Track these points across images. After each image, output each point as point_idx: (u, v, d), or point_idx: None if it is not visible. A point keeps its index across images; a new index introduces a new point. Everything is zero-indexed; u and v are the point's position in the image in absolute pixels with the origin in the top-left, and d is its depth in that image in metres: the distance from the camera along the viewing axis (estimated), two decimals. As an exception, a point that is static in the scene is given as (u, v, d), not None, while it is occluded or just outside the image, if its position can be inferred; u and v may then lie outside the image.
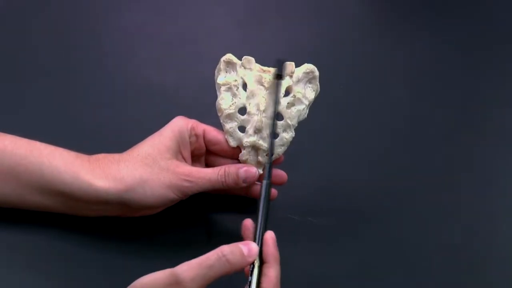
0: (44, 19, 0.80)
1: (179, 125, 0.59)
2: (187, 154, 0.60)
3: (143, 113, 0.71)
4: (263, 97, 0.59)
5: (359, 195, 0.67)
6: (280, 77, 0.58)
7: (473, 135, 0.74)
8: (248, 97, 0.59)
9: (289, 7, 0.86)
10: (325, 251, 0.63)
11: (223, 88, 0.60)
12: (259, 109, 0.59)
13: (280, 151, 0.60)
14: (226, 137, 0.60)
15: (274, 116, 0.58)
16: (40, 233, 0.60)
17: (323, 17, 0.85)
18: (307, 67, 0.59)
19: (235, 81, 0.60)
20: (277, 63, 0.58)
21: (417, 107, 0.76)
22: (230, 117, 0.60)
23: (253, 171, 0.59)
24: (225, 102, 0.59)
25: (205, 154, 0.62)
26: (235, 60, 0.60)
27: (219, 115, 0.60)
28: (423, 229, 0.65)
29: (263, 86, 0.59)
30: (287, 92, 0.60)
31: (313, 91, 0.60)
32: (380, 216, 0.66)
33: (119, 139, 0.62)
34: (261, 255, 0.53)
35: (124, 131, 0.69)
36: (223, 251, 0.50)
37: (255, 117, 0.59)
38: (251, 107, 0.59)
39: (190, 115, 0.61)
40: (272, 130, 0.58)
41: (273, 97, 0.58)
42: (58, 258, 0.59)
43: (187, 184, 0.57)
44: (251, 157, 0.60)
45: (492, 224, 0.67)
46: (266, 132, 0.59)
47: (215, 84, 0.60)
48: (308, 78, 0.60)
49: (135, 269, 0.51)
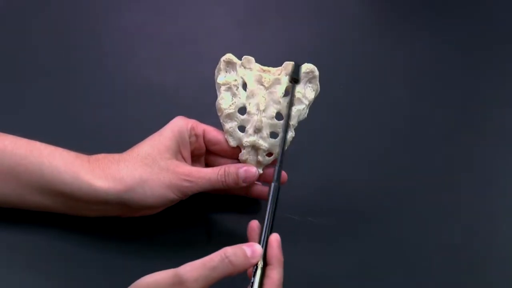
0: (44, 19, 0.80)
1: (179, 125, 0.59)
2: (187, 154, 0.60)
3: (143, 113, 0.71)
4: (263, 96, 0.59)
5: (359, 195, 0.67)
6: (296, 81, 0.59)
7: (473, 135, 0.74)
8: (248, 96, 0.59)
9: (289, 7, 0.86)
10: (325, 251, 0.63)
11: (223, 87, 0.60)
12: (259, 109, 0.59)
13: (280, 150, 0.60)
14: (226, 137, 0.60)
15: (287, 119, 0.58)
16: (40, 233, 0.60)
17: (323, 17, 0.85)
18: (307, 67, 0.59)
19: (235, 80, 0.60)
20: (294, 67, 0.59)
21: (417, 107, 0.76)
22: (230, 116, 0.60)
23: (253, 170, 0.59)
24: (225, 101, 0.59)
25: (205, 154, 0.62)
26: (235, 60, 0.60)
27: (219, 114, 0.60)
28: (423, 229, 0.65)
29: (263, 85, 0.59)
30: (287, 92, 0.59)
31: (313, 91, 0.60)
32: (380, 216, 0.66)
33: (119, 139, 0.62)
34: (265, 257, 0.53)
35: (124, 131, 0.69)
36: (226, 253, 0.50)
37: (255, 117, 0.59)
38: (251, 107, 0.59)
39: (190, 115, 0.61)
40: (284, 134, 0.58)
41: (287, 101, 0.59)
42: (58, 258, 0.59)
43: (187, 184, 0.57)
44: (251, 156, 0.60)
45: (492, 224, 0.67)
46: (266, 131, 0.59)
47: (215, 84, 0.60)
48: (308, 78, 0.59)
49: (135, 269, 0.51)
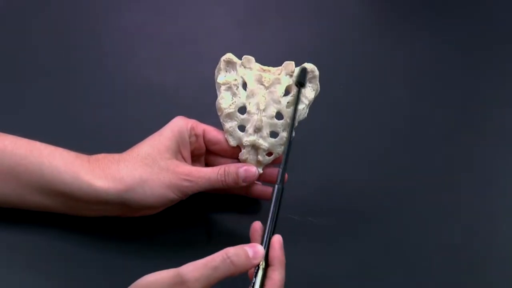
0: (44, 19, 0.80)
1: (179, 125, 0.59)
2: (187, 154, 0.60)
3: (143, 113, 0.71)
4: (263, 96, 0.59)
5: (359, 195, 0.67)
6: (302, 85, 0.59)
7: (473, 135, 0.74)
8: (248, 96, 0.59)
9: (289, 7, 0.86)
10: (325, 251, 0.63)
11: (223, 87, 0.60)
12: (259, 108, 0.59)
13: (280, 150, 0.60)
14: (226, 136, 0.60)
15: (292, 123, 0.58)
16: (40, 233, 0.60)
17: (323, 17, 0.85)
18: (307, 66, 0.59)
19: (235, 80, 0.60)
20: (300, 71, 0.59)
21: (417, 107, 0.76)
22: (230, 116, 0.60)
23: (253, 170, 0.59)
24: (225, 101, 0.59)
25: (205, 154, 0.62)
26: (235, 59, 0.60)
27: (219, 114, 0.60)
28: (423, 229, 0.65)
29: (263, 85, 0.59)
30: (287, 91, 0.60)
31: (313, 90, 0.60)
32: (380, 216, 0.65)
33: (119, 139, 0.62)
34: (267, 258, 0.53)
35: (124, 131, 0.69)
36: (228, 253, 0.50)
37: (255, 116, 0.59)
38: (251, 106, 0.59)
39: (190, 115, 0.61)
40: (289, 136, 0.58)
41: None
42: (58, 258, 0.59)
43: (187, 183, 0.57)
44: (251, 156, 0.60)
45: (492, 224, 0.66)
46: (266, 131, 0.59)
47: (215, 83, 0.60)
48: (308, 77, 0.59)
49: (135, 269, 0.51)
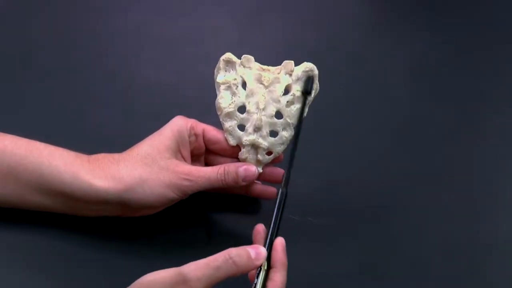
0: (44, 19, 0.80)
1: (179, 124, 0.59)
2: (186, 153, 0.60)
3: (143, 113, 0.71)
4: (262, 95, 0.59)
5: (359, 195, 0.67)
6: (308, 93, 0.59)
7: (473, 135, 0.74)
8: (247, 95, 0.59)
9: (289, 7, 0.86)
10: (325, 251, 0.63)
11: (222, 87, 0.60)
12: (258, 108, 0.59)
13: (279, 149, 0.60)
14: (225, 135, 0.60)
15: (298, 132, 0.58)
16: (40, 233, 0.60)
17: (323, 17, 0.85)
18: (306, 65, 0.59)
19: (234, 79, 0.59)
20: (306, 79, 0.59)
21: (417, 107, 0.76)
22: (229, 115, 0.60)
23: (253, 169, 0.59)
24: (225, 100, 0.59)
25: (204, 153, 0.62)
26: (235, 59, 0.60)
27: (219, 113, 0.60)
28: (423, 229, 0.65)
29: (263, 84, 0.59)
30: (287, 90, 0.60)
31: (313, 90, 0.60)
32: (380, 216, 0.65)
33: (119, 139, 0.62)
34: (269, 260, 0.53)
35: (124, 131, 0.69)
36: (231, 253, 0.50)
37: (255, 116, 0.59)
38: (250, 106, 0.59)
39: (189, 115, 0.61)
40: (295, 140, 0.58)
41: (298, 114, 0.59)
42: (58, 258, 0.59)
43: (186, 183, 0.57)
44: (250, 155, 0.60)
45: (492, 224, 0.66)
46: (265, 130, 0.59)
47: (214, 83, 0.60)
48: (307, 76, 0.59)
49: (135, 269, 0.51)
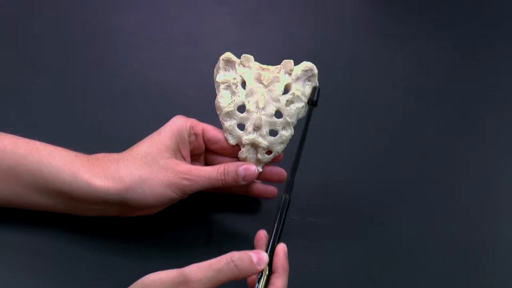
0: (44, 19, 0.80)
1: (178, 124, 0.59)
2: (186, 153, 0.60)
3: (143, 113, 0.71)
4: (262, 94, 0.59)
5: (359, 195, 0.67)
6: (314, 103, 0.59)
7: (474, 135, 0.74)
8: (247, 94, 0.59)
9: (289, 7, 0.86)
10: (325, 251, 0.63)
11: (222, 86, 0.60)
12: (258, 107, 0.59)
13: (279, 148, 0.60)
14: (225, 135, 0.60)
15: (302, 143, 0.58)
16: (40, 233, 0.60)
17: (323, 16, 0.85)
18: (306, 65, 0.59)
19: (234, 79, 0.59)
20: (313, 89, 0.59)
21: (417, 107, 0.76)
22: (229, 115, 0.60)
23: (253, 169, 0.59)
24: (224, 100, 0.59)
25: (204, 153, 0.62)
26: (234, 58, 0.60)
27: (218, 113, 0.60)
28: (423, 229, 0.65)
29: (262, 83, 0.59)
30: (286, 89, 0.60)
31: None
32: (380, 216, 0.65)
33: (119, 139, 0.62)
34: (271, 265, 0.53)
35: (124, 131, 0.69)
36: (233, 257, 0.50)
37: (254, 115, 0.59)
38: (250, 105, 0.59)
39: (189, 115, 0.61)
40: (298, 154, 0.58)
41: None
42: (58, 258, 0.59)
43: (186, 182, 0.57)
44: (250, 154, 0.60)
45: (492, 224, 0.66)
46: (265, 129, 0.59)
47: (214, 82, 0.60)
48: (307, 76, 0.59)
49: (135, 269, 0.51)
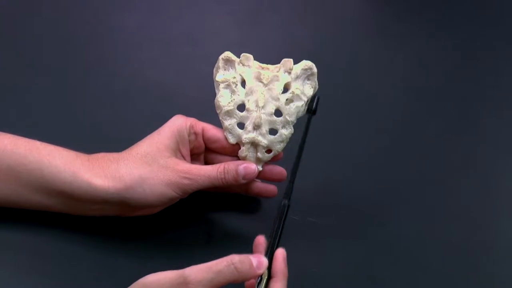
0: (44, 19, 0.80)
1: (178, 123, 0.59)
2: (186, 152, 0.60)
3: (143, 113, 0.71)
4: (261, 93, 0.59)
5: (359, 195, 0.67)
6: (313, 112, 0.59)
7: (474, 135, 0.74)
8: (246, 93, 0.59)
9: (289, 7, 0.86)
10: (325, 251, 0.63)
11: (221, 85, 0.60)
12: (258, 106, 0.59)
13: (279, 147, 0.60)
14: (225, 134, 0.60)
15: (301, 151, 0.58)
16: (40, 233, 0.60)
17: (323, 17, 0.85)
18: (306, 63, 0.59)
19: (233, 78, 0.60)
20: (312, 98, 0.59)
21: (417, 107, 0.76)
22: (229, 113, 0.60)
23: (253, 167, 0.59)
24: (224, 99, 0.59)
25: (204, 152, 0.62)
26: (234, 57, 0.60)
27: (218, 112, 0.60)
28: (423, 229, 0.65)
29: (262, 82, 0.59)
30: (286, 88, 0.60)
31: (312, 87, 0.60)
32: (380, 216, 0.65)
33: (119, 139, 0.62)
34: (270, 270, 0.53)
35: (124, 131, 0.69)
36: (233, 259, 0.50)
37: (254, 114, 0.59)
38: (250, 104, 0.59)
39: (189, 115, 0.61)
40: (296, 163, 0.58)
41: (301, 132, 0.58)
42: (58, 257, 0.59)
43: (186, 181, 0.57)
44: (250, 153, 0.60)
45: (492, 224, 0.66)
46: (265, 128, 0.59)
47: (213, 82, 0.60)
48: (306, 74, 0.59)
49: (135, 269, 0.51)
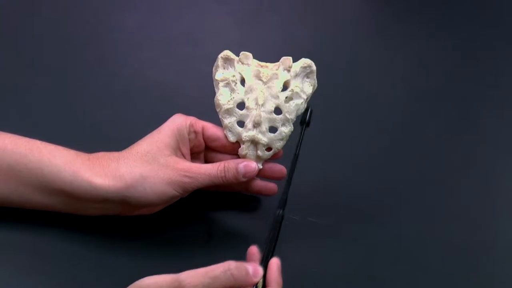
0: (44, 19, 0.80)
1: (178, 122, 0.59)
2: (186, 151, 0.60)
3: (143, 113, 0.71)
4: (261, 91, 0.59)
5: (359, 195, 0.67)
6: (307, 124, 0.59)
7: (474, 135, 0.74)
8: (246, 91, 0.59)
9: (289, 7, 0.86)
10: (325, 251, 0.63)
11: (221, 84, 0.60)
12: (257, 104, 0.59)
13: (279, 145, 0.60)
14: (225, 132, 0.60)
15: (295, 162, 0.58)
16: (40, 233, 0.60)
17: (323, 17, 0.85)
18: (305, 61, 0.59)
19: (233, 76, 0.60)
20: (305, 110, 0.59)
21: (417, 107, 0.76)
22: (228, 112, 0.60)
23: (253, 165, 0.59)
24: (224, 97, 0.59)
25: (204, 150, 0.62)
26: (233, 56, 0.60)
27: (218, 110, 0.60)
28: (423, 229, 0.65)
29: (261, 80, 0.59)
30: (285, 86, 0.60)
31: (311, 85, 0.60)
32: (380, 216, 0.65)
33: (119, 138, 0.62)
34: (264, 279, 0.53)
35: (124, 131, 0.69)
36: (230, 266, 0.50)
37: (254, 112, 0.59)
38: (249, 102, 0.59)
39: (189, 115, 0.61)
40: (291, 174, 0.58)
41: (295, 145, 0.58)
42: (58, 258, 0.59)
43: (187, 180, 0.57)
44: (250, 151, 0.60)
45: (492, 224, 0.66)
46: (265, 126, 0.59)
47: (213, 81, 0.60)
48: (305, 72, 0.59)
49: (135, 269, 0.51)
